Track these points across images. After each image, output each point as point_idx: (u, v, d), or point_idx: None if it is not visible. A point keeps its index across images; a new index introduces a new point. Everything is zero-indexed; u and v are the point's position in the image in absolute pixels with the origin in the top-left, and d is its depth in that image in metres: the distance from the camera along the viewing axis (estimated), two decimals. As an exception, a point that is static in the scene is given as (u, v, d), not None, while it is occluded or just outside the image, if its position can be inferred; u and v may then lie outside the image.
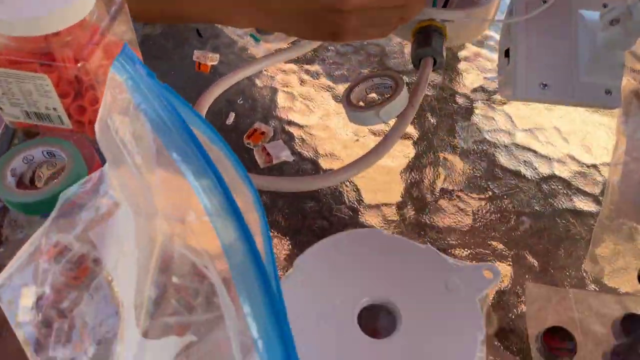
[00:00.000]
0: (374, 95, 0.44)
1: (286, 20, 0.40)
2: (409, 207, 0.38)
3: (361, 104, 0.43)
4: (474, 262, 0.34)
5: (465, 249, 0.35)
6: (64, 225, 0.32)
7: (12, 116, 0.39)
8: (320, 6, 0.37)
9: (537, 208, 0.38)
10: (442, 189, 0.39)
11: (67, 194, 0.32)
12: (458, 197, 0.38)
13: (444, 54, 0.43)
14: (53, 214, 0.32)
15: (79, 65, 0.35)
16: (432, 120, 0.43)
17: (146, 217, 0.26)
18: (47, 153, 0.36)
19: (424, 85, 0.42)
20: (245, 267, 0.22)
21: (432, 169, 0.40)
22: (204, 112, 0.42)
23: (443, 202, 0.38)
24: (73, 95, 0.37)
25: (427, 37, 0.43)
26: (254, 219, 0.25)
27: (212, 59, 0.46)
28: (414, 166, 0.40)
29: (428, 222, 0.37)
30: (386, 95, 0.43)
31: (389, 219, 0.37)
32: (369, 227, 0.36)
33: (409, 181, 0.39)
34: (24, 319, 0.30)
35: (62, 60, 0.36)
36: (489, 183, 0.39)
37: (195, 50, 0.46)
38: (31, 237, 0.32)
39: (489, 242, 0.36)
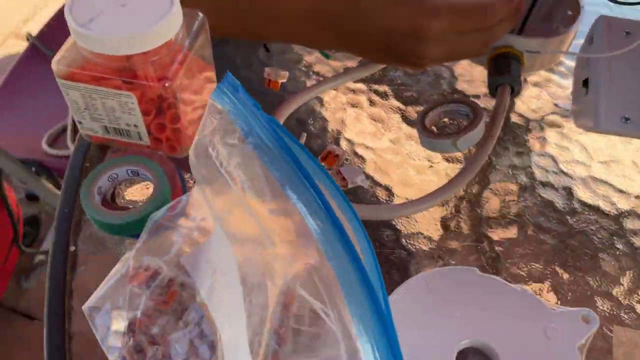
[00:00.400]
0: (446, 120, 0.44)
1: (366, 48, 0.39)
2: (487, 239, 0.37)
3: (434, 128, 0.43)
4: (557, 302, 0.34)
5: (547, 287, 0.35)
6: (154, 248, 0.32)
7: (91, 130, 0.39)
8: (401, 35, 0.37)
9: (619, 246, 0.37)
10: (518, 222, 0.38)
11: (156, 216, 0.32)
12: (535, 230, 0.38)
13: (522, 82, 0.43)
14: (143, 236, 0.32)
15: (166, 85, 0.35)
16: (504, 148, 0.43)
17: (257, 254, 0.26)
18: (132, 172, 0.36)
19: (502, 114, 0.41)
20: (366, 316, 0.22)
21: (506, 200, 0.39)
22: (276, 131, 0.42)
23: (521, 235, 0.38)
24: (154, 113, 0.37)
25: (505, 64, 0.43)
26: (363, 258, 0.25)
27: (282, 76, 0.46)
28: (489, 196, 0.40)
29: (506, 255, 0.36)
30: (463, 123, 0.43)
31: (468, 251, 0.37)
32: (450, 259, 0.36)
33: (485, 212, 0.39)
34: (115, 343, 0.30)
35: (146, 79, 0.35)
36: (568, 217, 0.39)
37: (266, 68, 0.46)
38: (121, 259, 0.32)
39: (573, 281, 0.35)
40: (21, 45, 1.79)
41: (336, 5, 0.38)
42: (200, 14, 0.39)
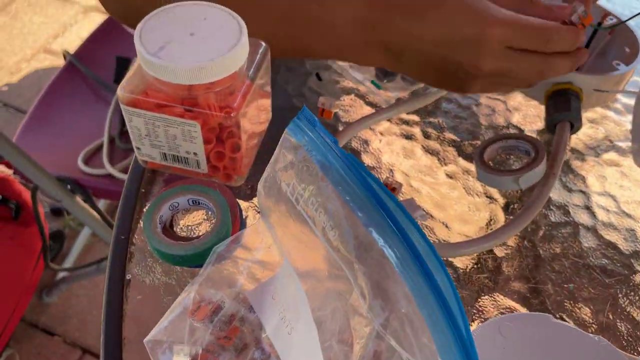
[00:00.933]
0: (503, 155, 0.43)
1: (415, 69, 0.39)
2: (550, 281, 0.36)
3: (490, 163, 0.42)
4: (630, 352, 0.33)
5: (616, 333, 0.34)
6: (216, 281, 0.31)
7: (148, 157, 0.39)
8: (458, 43, 0.36)
9: (689, 293, 0.36)
10: (583, 264, 0.37)
11: (219, 248, 0.32)
12: (600, 273, 0.37)
13: (581, 118, 0.42)
14: (205, 268, 0.31)
15: (232, 115, 0.35)
16: (564, 186, 0.42)
17: (338, 295, 0.25)
18: (193, 201, 0.35)
19: (563, 152, 0.40)
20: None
21: (570, 241, 0.38)
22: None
23: (585, 278, 0.36)
24: (215, 142, 0.37)
25: (565, 101, 0.42)
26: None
27: (336, 106, 0.45)
28: (552, 237, 0.39)
29: (571, 298, 0.35)
30: (522, 159, 0.42)
31: (532, 293, 0.36)
32: (513, 301, 0.35)
33: (546, 252, 0.38)
34: (177, 379, 0.29)
35: (209, 108, 0.35)
36: (632, 260, 0.38)
37: (320, 97, 0.45)
38: (183, 292, 0.31)
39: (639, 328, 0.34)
40: (50, 60, 1.83)
41: (388, 14, 0.37)
42: (263, 44, 0.39)
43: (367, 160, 0.43)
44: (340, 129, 0.44)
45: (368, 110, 0.47)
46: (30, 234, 0.97)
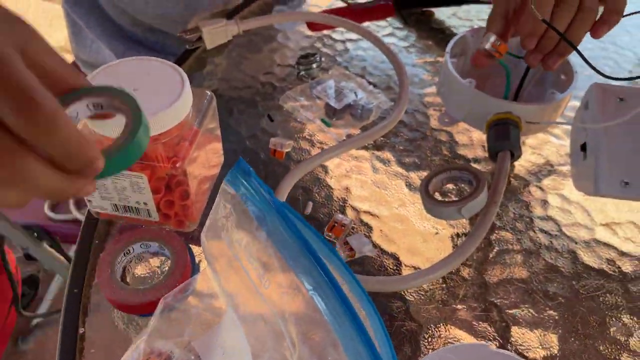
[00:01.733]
0: (449, 186, 0.45)
1: None
2: (495, 307, 0.37)
3: (437, 194, 0.43)
4: (571, 371, 0.34)
5: (559, 356, 0.35)
6: (165, 330, 0.32)
7: (100, 208, 0.39)
8: None
9: (626, 310, 0.37)
10: (525, 288, 0.39)
11: (167, 298, 0.32)
12: (543, 297, 0.38)
13: (521, 146, 0.44)
14: (154, 319, 0.32)
15: (177, 165, 0.36)
16: (507, 213, 0.43)
17: (274, 345, 0.26)
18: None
19: (504, 180, 0.42)
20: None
21: (514, 267, 0.40)
22: (283, 200, 0.42)
23: (528, 303, 0.38)
24: (164, 191, 0.38)
25: (504, 130, 0.44)
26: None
27: (287, 146, 0.47)
28: (496, 263, 0.40)
29: (516, 323, 0.37)
30: (466, 188, 0.44)
31: (477, 321, 0.37)
32: (460, 330, 0.36)
33: (491, 279, 0.39)
34: None
35: (157, 160, 0.36)
36: (574, 282, 0.39)
37: (271, 138, 0.47)
38: (132, 344, 0.31)
39: (582, 349, 0.35)
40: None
41: None
42: (209, 92, 0.40)
43: (318, 197, 0.44)
44: (292, 167, 0.46)
45: (319, 148, 0.48)
46: (1, 281, 0.96)
